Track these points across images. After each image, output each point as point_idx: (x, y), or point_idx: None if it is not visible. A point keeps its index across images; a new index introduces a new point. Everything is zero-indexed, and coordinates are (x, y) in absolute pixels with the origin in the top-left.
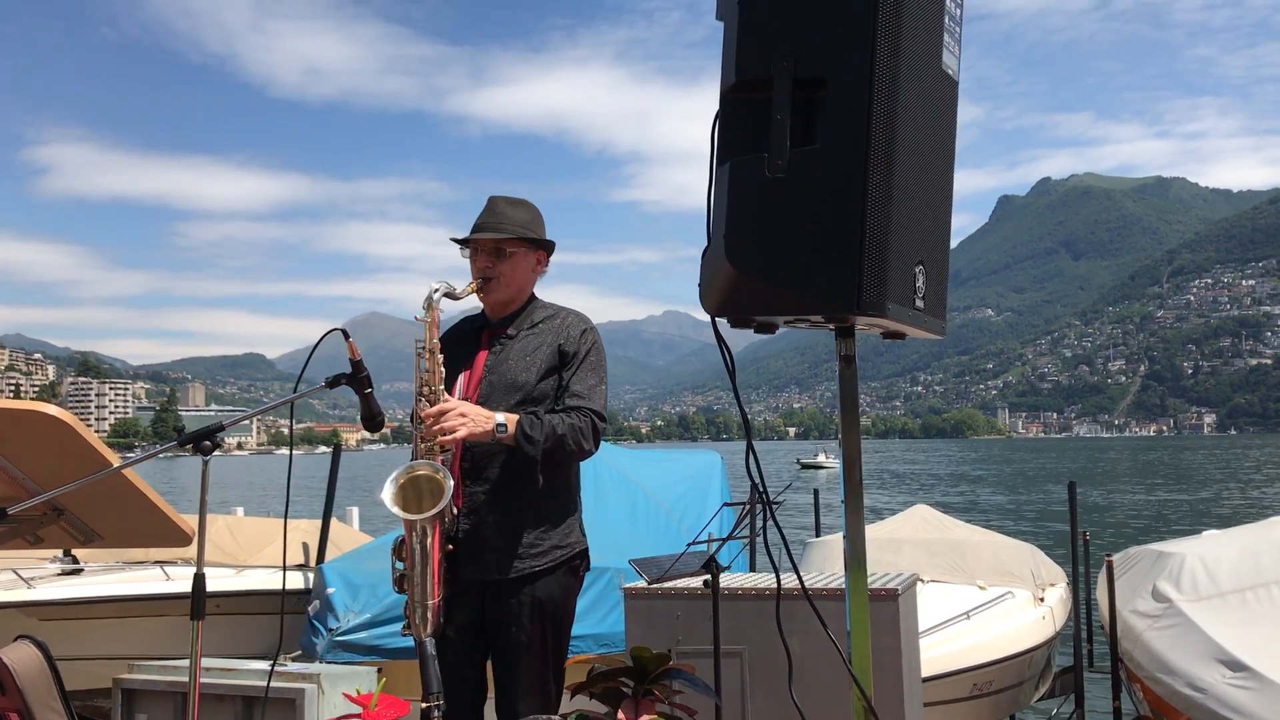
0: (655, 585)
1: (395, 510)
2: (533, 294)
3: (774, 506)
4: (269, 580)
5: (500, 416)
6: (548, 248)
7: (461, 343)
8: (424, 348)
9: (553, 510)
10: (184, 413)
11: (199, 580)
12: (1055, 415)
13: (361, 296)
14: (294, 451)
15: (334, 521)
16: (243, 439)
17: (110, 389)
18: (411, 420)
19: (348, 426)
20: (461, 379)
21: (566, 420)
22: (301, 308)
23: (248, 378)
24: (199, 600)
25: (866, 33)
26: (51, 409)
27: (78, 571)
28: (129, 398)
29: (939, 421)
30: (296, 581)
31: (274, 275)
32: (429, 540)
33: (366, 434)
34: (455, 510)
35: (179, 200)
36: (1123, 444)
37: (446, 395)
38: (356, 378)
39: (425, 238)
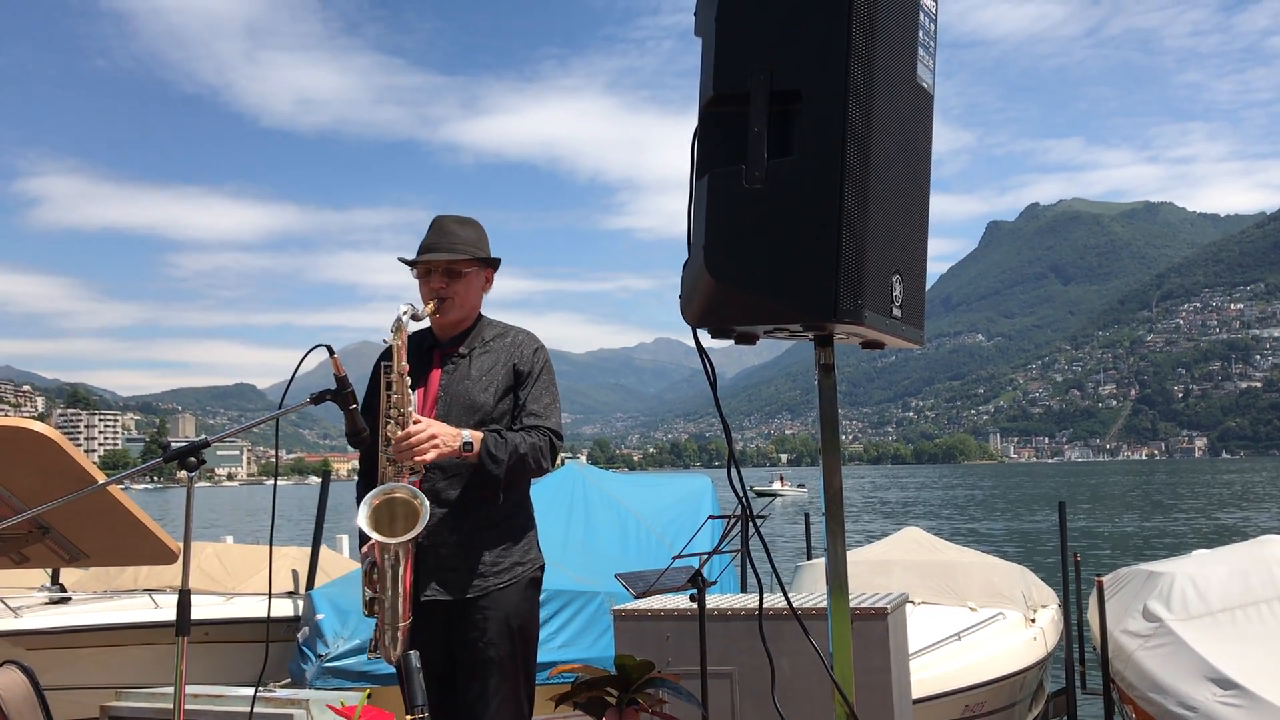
0: (645, 607)
1: (371, 534)
2: (480, 312)
3: (758, 521)
4: (258, 608)
5: (466, 434)
6: (494, 265)
7: (410, 362)
8: (393, 371)
9: (513, 528)
10: (175, 443)
11: (184, 596)
12: (1047, 440)
13: (353, 326)
14: (285, 482)
15: (324, 549)
16: (233, 469)
17: (100, 420)
18: (376, 443)
19: (338, 456)
20: (415, 397)
21: (528, 439)
22: (293, 338)
23: (238, 408)
24: (183, 617)
25: (840, 46)
26: (38, 426)
27: (66, 600)
28: (119, 429)
29: (931, 447)
30: (286, 608)
31: (265, 305)
32: (401, 565)
33: (357, 464)
34: None
35: (170, 230)
36: (1115, 468)
37: (416, 417)
38: (341, 394)
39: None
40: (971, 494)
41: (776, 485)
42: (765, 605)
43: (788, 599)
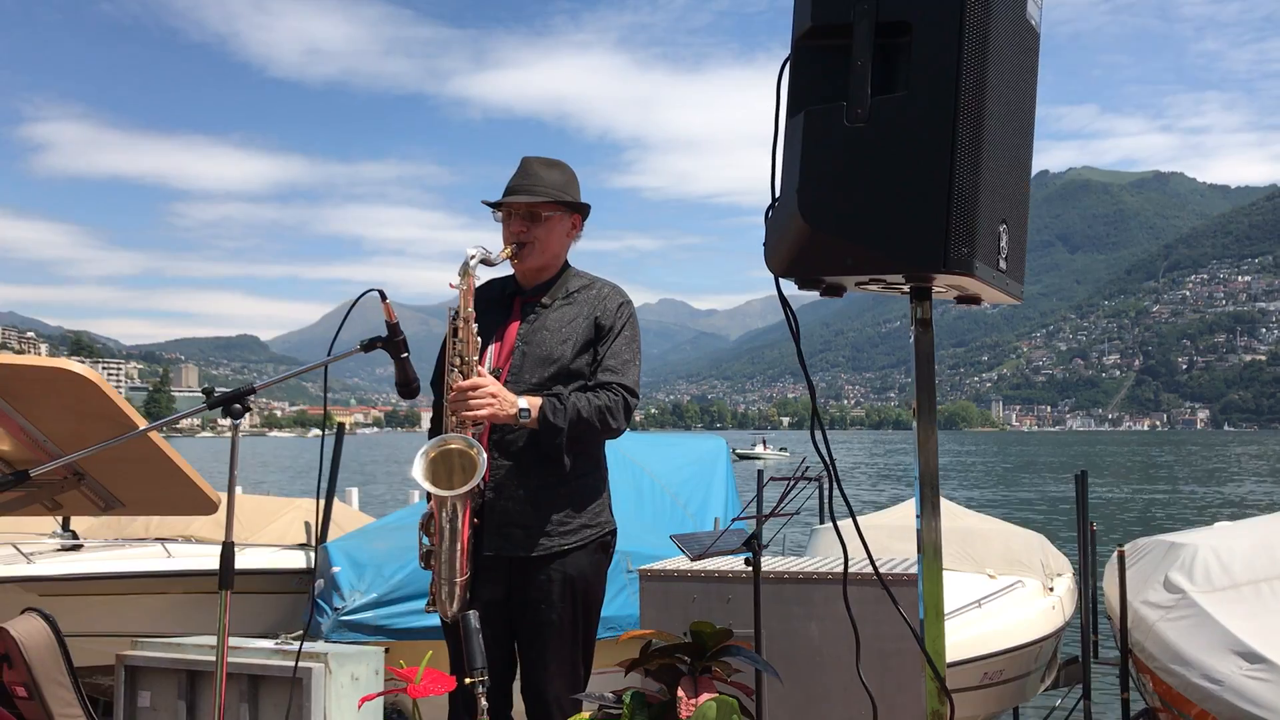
0: (671, 568)
1: (426, 485)
2: (566, 261)
3: (809, 485)
4: (271, 559)
5: (523, 402)
6: (583, 211)
7: (490, 309)
8: (459, 316)
9: (582, 489)
10: (177, 394)
11: (227, 549)
12: (1049, 409)
13: (358, 280)
14: (287, 434)
15: (335, 502)
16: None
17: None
18: (433, 387)
19: (341, 410)
20: (492, 349)
21: (594, 401)
22: (297, 290)
23: (241, 359)
24: (227, 569)
25: None
26: (77, 367)
27: (78, 547)
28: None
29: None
30: (299, 561)
31: (270, 257)
32: (459, 517)
33: (360, 418)
34: (482, 484)
35: (176, 180)
36: (1118, 438)
37: (480, 369)
38: (393, 341)
39: (424, 222)
40: (974, 461)
41: (759, 449)
42: (770, 569)
43: (874, 566)
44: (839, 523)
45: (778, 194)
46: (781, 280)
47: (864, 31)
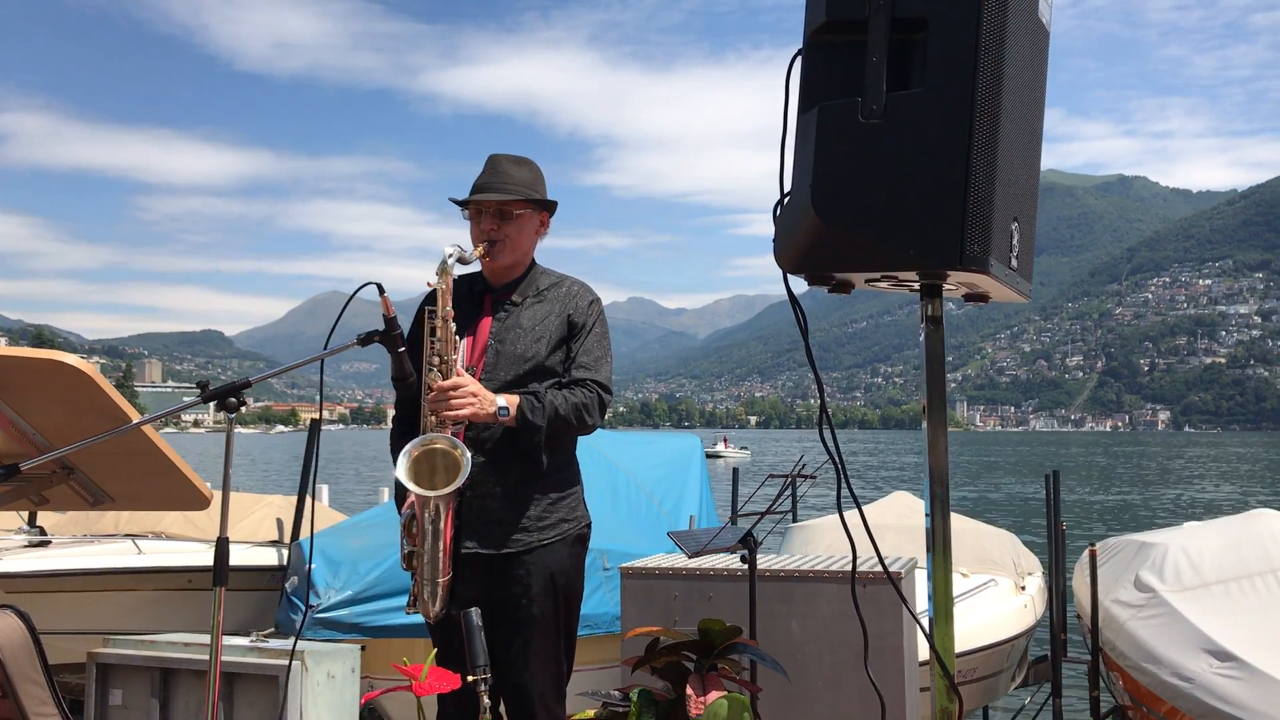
0: (652, 565)
1: (410, 486)
2: (534, 258)
3: (812, 481)
4: (242, 556)
5: (501, 400)
6: (550, 208)
7: (460, 306)
8: (438, 315)
9: (559, 483)
10: (140, 389)
11: (221, 545)
12: (1013, 409)
13: (324, 275)
14: (251, 430)
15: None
16: (200, 416)
17: None
18: (396, 386)
19: (306, 406)
20: (464, 345)
21: (570, 399)
22: (262, 285)
23: (205, 354)
24: (221, 566)
25: None
26: (70, 358)
27: (45, 543)
28: None
29: (898, 413)
30: (271, 558)
31: (236, 252)
32: (442, 518)
33: (326, 414)
34: None
35: (141, 173)
36: (1081, 439)
37: (459, 369)
38: (390, 335)
39: (390, 217)
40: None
41: (720, 447)
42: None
43: (884, 566)
44: (845, 520)
45: (788, 190)
46: (790, 277)
47: (880, 27)
